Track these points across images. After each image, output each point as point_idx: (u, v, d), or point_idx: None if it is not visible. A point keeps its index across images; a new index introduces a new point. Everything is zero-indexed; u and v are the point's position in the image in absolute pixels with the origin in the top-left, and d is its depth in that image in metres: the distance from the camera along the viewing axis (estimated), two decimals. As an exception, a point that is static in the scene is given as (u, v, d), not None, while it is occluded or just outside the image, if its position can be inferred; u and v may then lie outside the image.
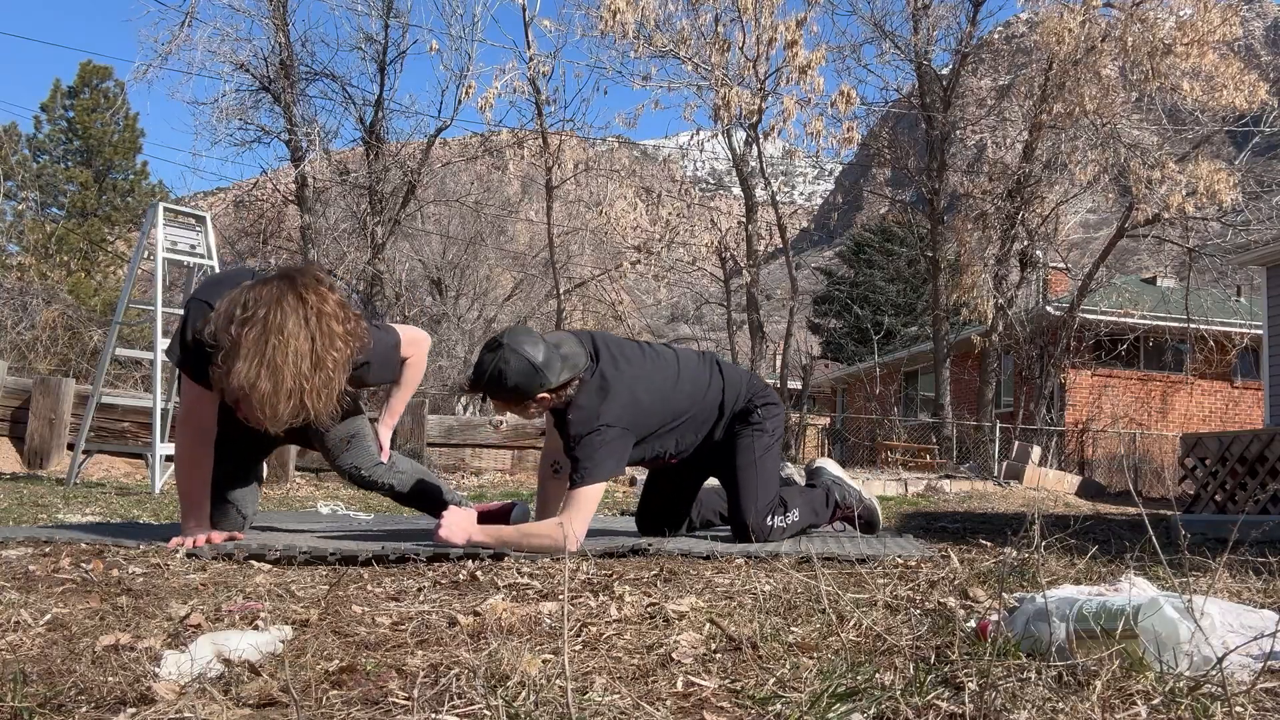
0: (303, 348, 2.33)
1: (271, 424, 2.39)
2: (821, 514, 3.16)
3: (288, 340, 2.30)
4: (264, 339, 2.29)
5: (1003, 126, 19.44)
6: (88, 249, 28.91)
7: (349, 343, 2.46)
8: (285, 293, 2.35)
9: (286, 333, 2.30)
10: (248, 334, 2.29)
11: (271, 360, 2.29)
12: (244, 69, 15.25)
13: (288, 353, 2.30)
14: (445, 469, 8.24)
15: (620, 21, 14.44)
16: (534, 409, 2.73)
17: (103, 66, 32.54)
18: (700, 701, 1.22)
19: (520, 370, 2.60)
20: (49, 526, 3.08)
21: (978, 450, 16.78)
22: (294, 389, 2.32)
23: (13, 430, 7.31)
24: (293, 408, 2.35)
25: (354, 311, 2.51)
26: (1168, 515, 5.35)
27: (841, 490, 3.26)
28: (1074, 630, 1.37)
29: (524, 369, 2.60)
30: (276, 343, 2.30)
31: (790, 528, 2.97)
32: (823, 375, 29.33)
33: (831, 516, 3.22)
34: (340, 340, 2.41)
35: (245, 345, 2.29)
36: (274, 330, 2.30)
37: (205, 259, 6.16)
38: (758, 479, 2.95)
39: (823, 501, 3.18)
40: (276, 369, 2.30)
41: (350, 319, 2.47)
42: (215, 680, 1.28)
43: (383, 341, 2.85)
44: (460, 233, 20.80)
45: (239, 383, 2.30)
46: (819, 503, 3.16)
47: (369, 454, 3.06)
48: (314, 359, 2.35)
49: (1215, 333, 18.01)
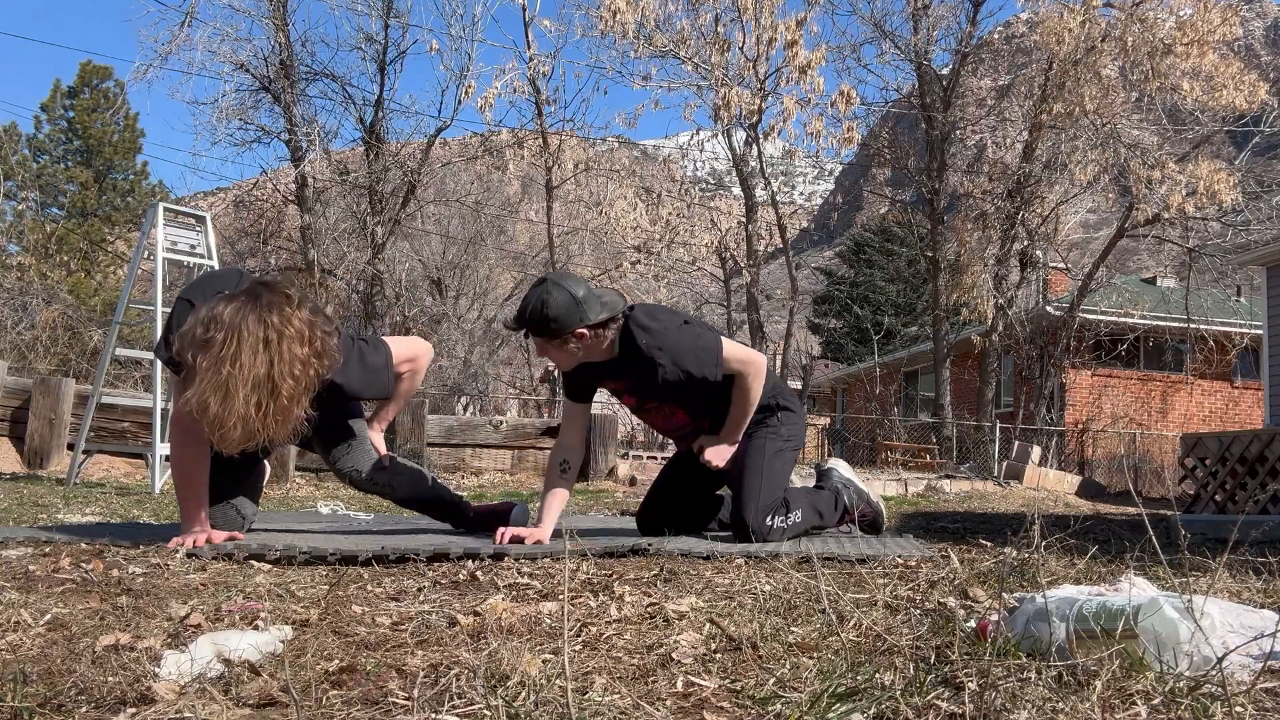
0: (257, 374, 2.31)
1: (222, 446, 2.39)
2: (828, 516, 3.13)
3: (242, 368, 2.29)
4: (218, 365, 2.29)
5: (1003, 126, 19.44)
6: (88, 249, 28.91)
7: (311, 366, 2.42)
8: (246, 316, 2.33)
9: (242, 361, 2.29)
10: (203, 358, 2.30)
11: (224, 386, 2.28)
12: (244, 69, 15.26)
13: (239, 380, 2.28)
14: (445, 469, 8.24)
15: (620, 21, 14.45)
16: (573, 346, 2.78)
17: (103, 66, 32.57)
18: (700, 701, 1.22)
19: (562, 303, 2.70)
20: (49, 526, 3.08)
21: (978, 450, 16.79)
22: (245, 415, 2.31)
23: (13, 430, 7.31)
24: (244, 433, 2.34)
25: (323, 329, 2.48)
26: (1168, 515, 5.35)
27: (850, 493, 3.23)
28: (1074, 630, 1.37)
29: (566, 301, 2.70)
30: (231, 370, 2.28)
31: (791, 529, 2.95)
32: (823, 375, 29.32)
33: (840, 520, 3.19)
34: (300, 364, 2.38)
35: (200, 369, 2.30)
36: (228, 358, 2.28)
37: (205, 259, 6.16)
38: (763, 479, 2.94)
39: (830, 504, 3.15)
40: (229, 395, 2.28)
41: (317, 338, 2.44)
42: (215, 680, 1.28)
43: (367, 359, 2.83)
44: (460, 233, 20.81)
45: (192, 405, 2.31)
46: (825, 505, 3.14)
47: (369, 457, 3.06)
48: (270, 387, 2.33)
49: (1215, 333, 18.01)
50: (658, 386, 2.90)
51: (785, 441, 3.07)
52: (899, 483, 11.16)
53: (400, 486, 3.14)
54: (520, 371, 25.38)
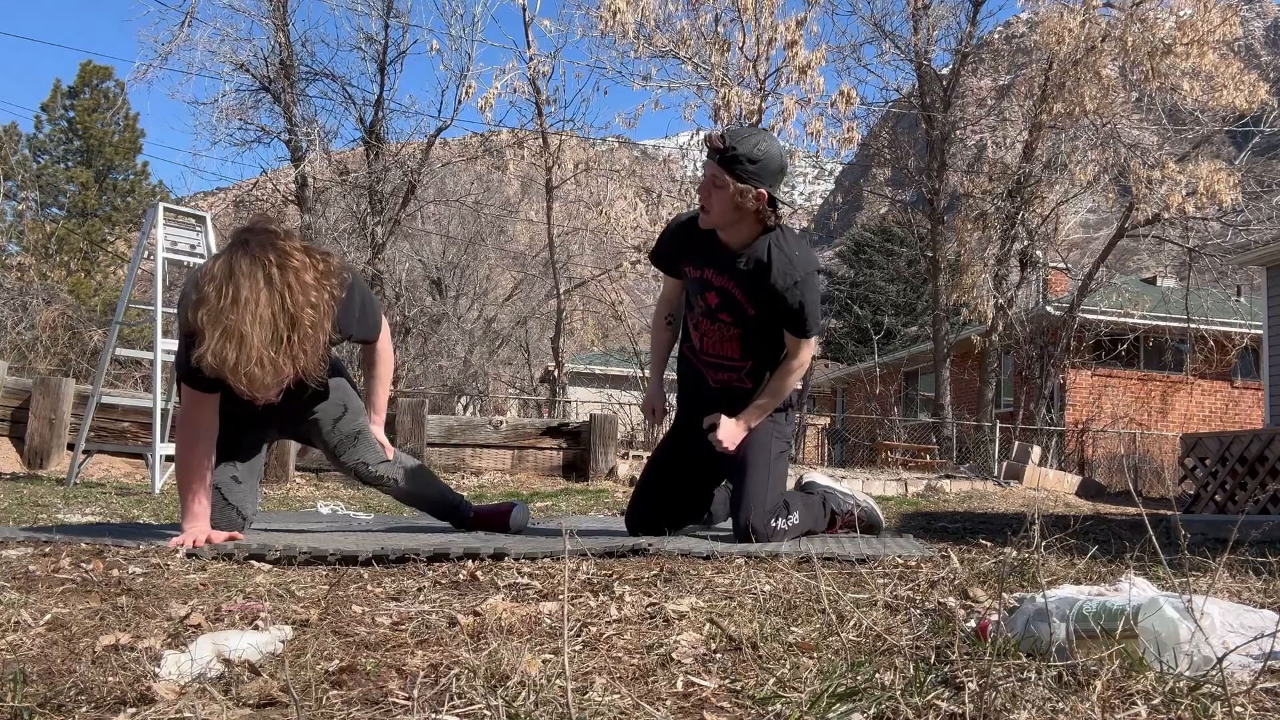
0: (264, 312, 2.26)
1: (257, 390, 2.34)
2: (820, 521, 3.13)
3: (248, 307, 2.23)
4: (221, 314, 2.24)
5: (1003, 126, 19.43)
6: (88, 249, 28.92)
7: (325, 287, 2.37)
8: (238, 260, 2.28)
9: (244, 301, 2.24)
10: (204, 313, 2.25)
11: (235, 332, 2.23)
12: (244, 69, 15.26)
13: (250, 321, 2.23)
14: (445, 469, 8.24)
15: (620, 21, 14.44)
16: (739, 200, 2.72)
17: (103, 66, 32.60)
18: (700, 701, 1.22)
19: (774, 155, 2.75)
20: (49, 526, 3.08)
21: (978, 450, 16.78)
22: (266, 354, 2.26)
23: (13, 430, 7.31)
24: (274, 371, 2.30)
25: (322, 252, 2.43)
26: (1168, 515, 5.35)
27: (835, 500, 3.21)
28: (1074, 630, 1.37)
29: (777, 157, 2.77)
30: (235, 315, 2.23)
31: (792, 530, 2.95)
32: (823, 375, 29.31)
33: (830, 526, 3.17)
34: (313, 290, 2.33)
35: (204, 324, 2.25)
36: (229, 305, 2.23)
37: (205, 259, 6.16)
38: (768, 479, 2.92)
39: (820, 508, 3.15)
40: (242, 340, 2.24)
41: (319, 260, 2.39)
42: (215, 680, 1.28)
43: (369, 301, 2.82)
44: (460, 233, 20.80)
45: (209, 363, 2.26)
46: (817, 509, 3.14)
47: (374, 450, 3.07)
48: (289, 318, 2.29)
49: (1215, 333, 18.01)
50: (752, 297, 2.82)
51: (786, 443, 3.08)
52: (899, 483, 11.16)
53: (404, 480, 3.14)
54: (520, 371, 25.38)
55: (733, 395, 3.00)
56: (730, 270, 2.84)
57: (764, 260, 2.79)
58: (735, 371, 3.00)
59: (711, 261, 2.87)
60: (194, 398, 2.63)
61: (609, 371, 25.61)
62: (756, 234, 2.80)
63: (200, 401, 2.63)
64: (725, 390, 3.02)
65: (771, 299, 2.80)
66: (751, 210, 2.75)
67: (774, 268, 2.77)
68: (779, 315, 2.83)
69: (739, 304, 2.86)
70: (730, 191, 2.72)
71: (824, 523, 3.16)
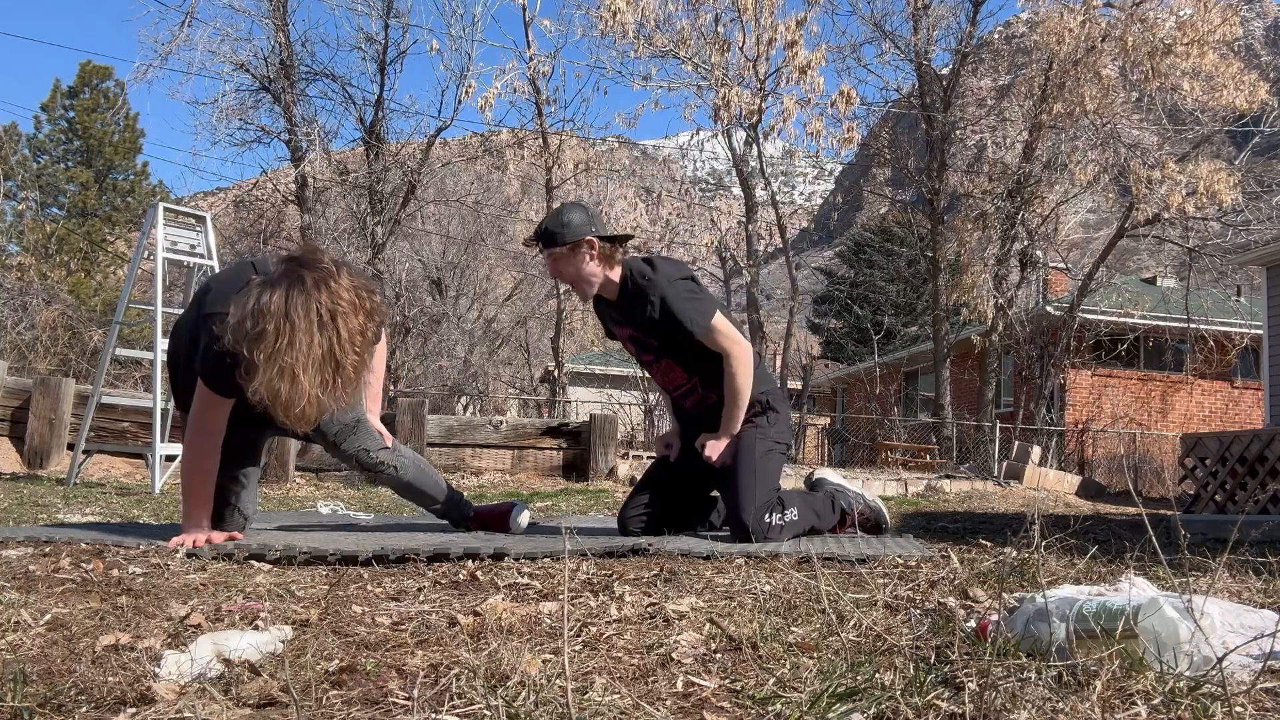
0: (318, 354, 2.33)
1: (299, 424, 2.45)
2: (825, 518, 3.11)
3: (302, 351, 2.31)
4: (277, 355, 2.30)
5: (1003, 126, 19.44)
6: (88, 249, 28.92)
7: (368, 330, 2.46)
8: (295, 300, 2.33)
9: (299, 346, 2.31)
10: (259, 351, 2.31)
11: (289, 372, 2.31)
12: (244, 69, 15.26)
13: (303, 364, 2.32)
14: (445, 469, 8.24)
15: (620, 21, 14.44)
16: (585, 258, 2.96)
17: (103, 66, 32.61)
18: (700, 701, 1.22)
19: (576, 212, 3.00)
20: (49, 526, 3.08)
21: (978, 450, 16.78)
22: (314, 395, 2.35)
23: (13, 430, 7.31)
24: (317, 409, 2.40)
25: (368, 289, 2.49)
26: (1168, 515, 5.35)
27: (845, 497, 3.21)
28: (1074, 630, 1.37)
29: (579, 212, 3.01)
30: (290, 357, 2.31)
31: (789, 527, 2.94)
32: (823, 375, 29.32)
33: (840, 524, 3.16)
34: (359, 335, 2.42)
35: (260, 361, 2.32)
36: (285, 346, 2.30)
37: (205, 259, 6.16)
38: (756, 477, 2.94)
39: (826, 506, 3.13)
40: (295, 380, 2.31)
41: (367, 302, 2.45)
42: (215, 680, 1.28)
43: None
44: (460, 233, 20.81)
45: (260, 396, 2.35)
46: (821, 506, 3.12)
47: (374, 437, 3.11)
48: (335, 364, 2.36)
49: (1215, 333, 18.01)
50: (649, 331, 3.02)
51: (774, 443, 3.07)
52: (899, 483, 11.16)
53: (405, 469, 3.16)
54: (520, 371, 25.39)
55: (708, 412, 3.13)
56: (627, 318, 3.10)
57: (631, 295, 3.02)
58: (693, 392, 3.15)
59: (616, 319, 3.17)
60: (211, 400, 2.63)
61: (609, 371, 25.61)
62: (621, 276, 3.04)
63: (216, 405, 2.64)
64: (702, 411, 3.15)
65: (654, 323, 3.00)
66: (595, 260, 2.99)
67: (638, 297, 3.00)
68: (670, 331, 2.99)
69: (645, 340, 3.10)
70: (566, 260, 3.00)
71: (832, 520, 3.14)
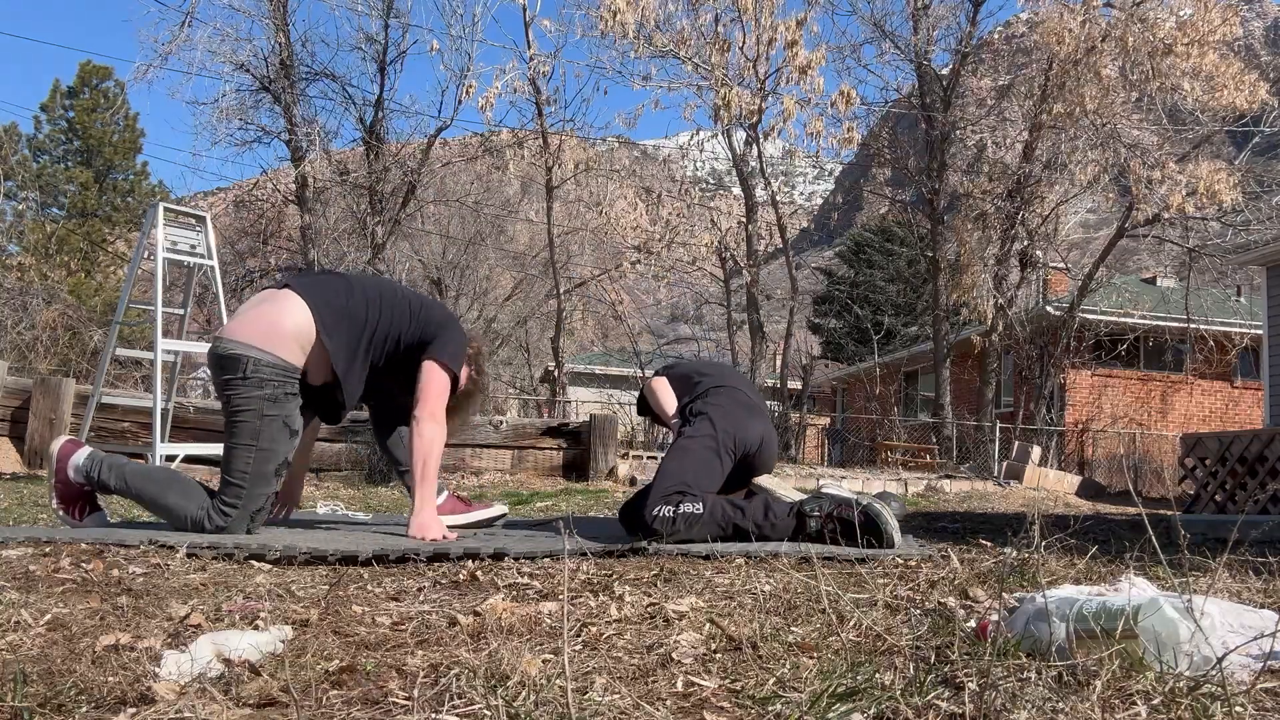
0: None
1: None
2: (752, 516, 2.82)
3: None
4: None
5: (1003, 126, 19.43)
6: (88, 249, 28.92)
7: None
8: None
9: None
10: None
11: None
12: (244, 69, 15.26)
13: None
14: (445, 469, 8.24)
15: (620, 21, 14.44)
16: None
17: (103, 66, 32.61)
18: (700, 701, 1.22)
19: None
20: (49, 526, 3.08)
21: (978, 450, 16.78)
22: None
23: (13, 430, 7.31)
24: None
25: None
26: (1168, 515, 5.35)
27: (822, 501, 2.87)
28: (1074, 630, 1.37)
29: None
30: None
31: (681, 518, 2.79)
32: (823, 375, 29.31)
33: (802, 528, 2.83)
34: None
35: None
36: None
37: (205, 259, 6.16)
38: (664, 469, 2.97)
39: (759, 508, 2.86)
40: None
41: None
42: (215, 680, 1.28)
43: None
44: (460, 233, 20.82)
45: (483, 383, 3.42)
46: (752, 507, 2.86)
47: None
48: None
49: (1215, 333, 18.01)
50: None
51: (689, 439, 3.06)
52: (899, 483, 11.16)
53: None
54: (520, 371, 25.40)
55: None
56: None
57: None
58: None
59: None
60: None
61: (609, 371, 25.61)
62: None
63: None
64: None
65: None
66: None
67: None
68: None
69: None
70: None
71: (761, 519, 2.83)
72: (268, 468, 2.80)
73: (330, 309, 2.89)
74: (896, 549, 2.68)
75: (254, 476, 2.78)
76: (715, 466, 3.03)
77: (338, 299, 2.93)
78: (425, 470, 2.93)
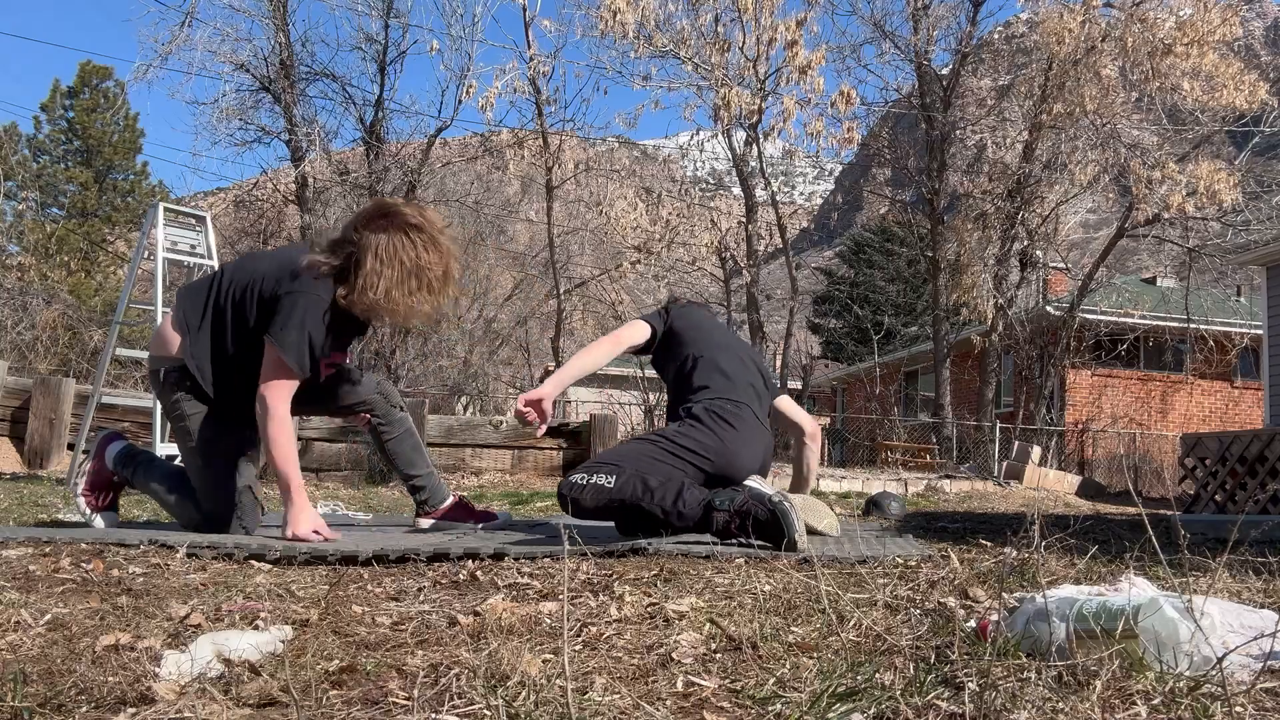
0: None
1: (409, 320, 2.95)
2: (661, 498, 2.73)
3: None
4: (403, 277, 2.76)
5: (1003, 126, 19.43)
6: (88, 249, 28.92)
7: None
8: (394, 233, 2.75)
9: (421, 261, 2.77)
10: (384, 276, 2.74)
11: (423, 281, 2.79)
12: (244, 69, 15.26)
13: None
14: (445, 469, 8.24)
15: (620, 21, 14.44)
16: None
17: (103, 66, 32.62)
18: (700, 701, 1.22)
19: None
20: (49, 526, 3.08)
21: (978, 450, 16.78)
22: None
23: (13, 430, 7.31)
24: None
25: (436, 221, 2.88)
26: (1168, 515, 5.34)
27: (740, 495, 2.69)
28: (1074, 630, 1.37)
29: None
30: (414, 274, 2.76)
31: (590, 488, 2.79)
32: (823, 375, 29.33)
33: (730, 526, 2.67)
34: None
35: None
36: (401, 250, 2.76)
37: (205, 259, 6.16)
38: (614, 448, 3.08)
39: (673, 490, 2.74)
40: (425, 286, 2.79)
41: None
42: (215, 680, 1.28)
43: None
44: (460, 233, 20.78)
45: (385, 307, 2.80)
46: (666, 490, 2.75)
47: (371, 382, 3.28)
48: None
49: (1215, 333, 18.02)
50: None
51: (658, 435, 3.07)
52: (899, 483, 11.16)
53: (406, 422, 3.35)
54: (520, 371, 25.40)
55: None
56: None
57: None
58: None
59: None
60: (289, 389, 2.79)
61: (609, 371, 25.57)
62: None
63: (291, 391, 2.80)
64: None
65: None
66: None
67: None
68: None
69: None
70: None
71: (668, 501, 2.73)
72: (215, 463, 2.90)
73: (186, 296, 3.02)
74: (799, 551, 2.50)
75: (201, 474, 2.92)
76: (668, 463, 2.92)
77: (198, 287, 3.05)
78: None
